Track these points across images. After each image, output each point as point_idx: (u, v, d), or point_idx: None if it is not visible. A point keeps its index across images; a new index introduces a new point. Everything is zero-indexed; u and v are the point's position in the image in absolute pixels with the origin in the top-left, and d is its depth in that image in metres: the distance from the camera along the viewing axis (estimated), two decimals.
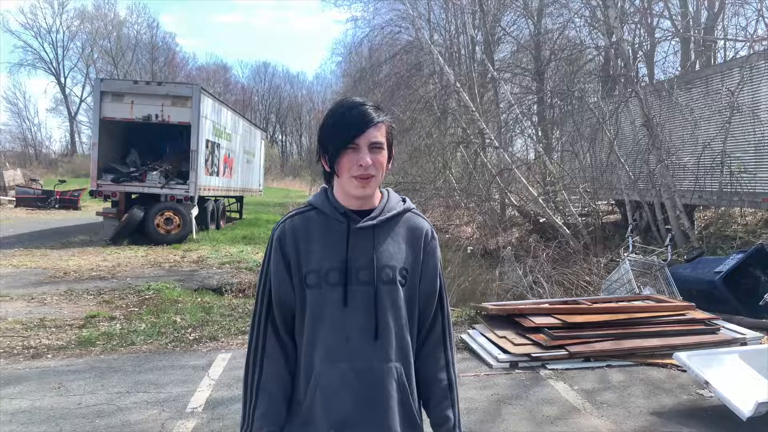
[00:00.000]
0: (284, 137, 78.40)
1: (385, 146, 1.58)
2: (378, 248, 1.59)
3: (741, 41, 13.10)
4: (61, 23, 56.15)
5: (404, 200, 1.71)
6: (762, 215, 11.34)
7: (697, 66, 13.96)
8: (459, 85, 15.22)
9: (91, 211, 18.76)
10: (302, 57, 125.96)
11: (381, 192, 1.68)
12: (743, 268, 7.00)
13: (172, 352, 5.71)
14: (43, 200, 22.46)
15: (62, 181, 25.82)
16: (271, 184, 46.95)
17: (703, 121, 10.31)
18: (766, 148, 9.08)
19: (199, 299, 8.02)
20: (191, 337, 6.14)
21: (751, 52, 9.68)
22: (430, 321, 1.68)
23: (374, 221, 1.60)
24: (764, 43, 10.82)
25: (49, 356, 5.51)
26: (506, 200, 15.94)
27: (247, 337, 6.03)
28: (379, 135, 1.55)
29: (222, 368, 5.20)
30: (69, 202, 22.55)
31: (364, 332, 1.55)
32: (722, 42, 15.28)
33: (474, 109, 14.42)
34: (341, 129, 1.55)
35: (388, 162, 1.62)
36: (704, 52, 14.28)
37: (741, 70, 9.22)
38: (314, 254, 1.58)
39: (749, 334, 5.81)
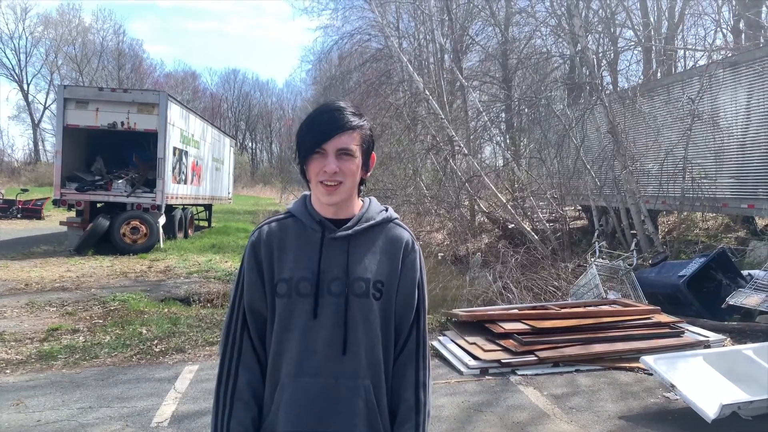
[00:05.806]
0: (254, 145, 78.01)
1: (358, 153, 1.52)
2: (352, 259, 1.53)
3: (700, 51, 13.52)
4: (23, 29, 55.11)
5: (386, 209, 1.64)
6: (722, 220, 11.66)
7: (659, 75, 14.32)
8: (428, 93, 15.35)
9: (54, 220, 18.31)
10: (273, 65, 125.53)
11: (362, 200, 1.63)
12: (706, 271, 7.18)
13: (137, 365, 5.57)
14: (4, 210, 21.78)
15: (25, 190, 25.14)
16: (241, 191, 46.55)
17: (665, 128, 10.57)
18: (725, 154, 9.34)
19: (166, 310, 7.85)
20: (157, 349, 6.01)
21: (710, 61, 9.97)
22: (404, 337, 1.59)
23: (349, 231, 1.54)
24: (722, 52, 11.17)
25: (8, 371, 5.32)
26: (476, 207, 16.09)
27: (215, 348, 5.96)
28: (349, 142, 1.49)
29: (189, 381, 5.10)
30: (32, 212, 21.91)
31: (332, 346, 1.49)
32: (682, 51, 15.76)
33: (443, 116, 14.55)
34: (310, 134, 1.50)
35: (367, 169, 1.58)
36: (665, 61, 14.67)
37: (700, 78, 9.48)
38: (287, 263, 1.53)
39: (712, 336, 5.95)
